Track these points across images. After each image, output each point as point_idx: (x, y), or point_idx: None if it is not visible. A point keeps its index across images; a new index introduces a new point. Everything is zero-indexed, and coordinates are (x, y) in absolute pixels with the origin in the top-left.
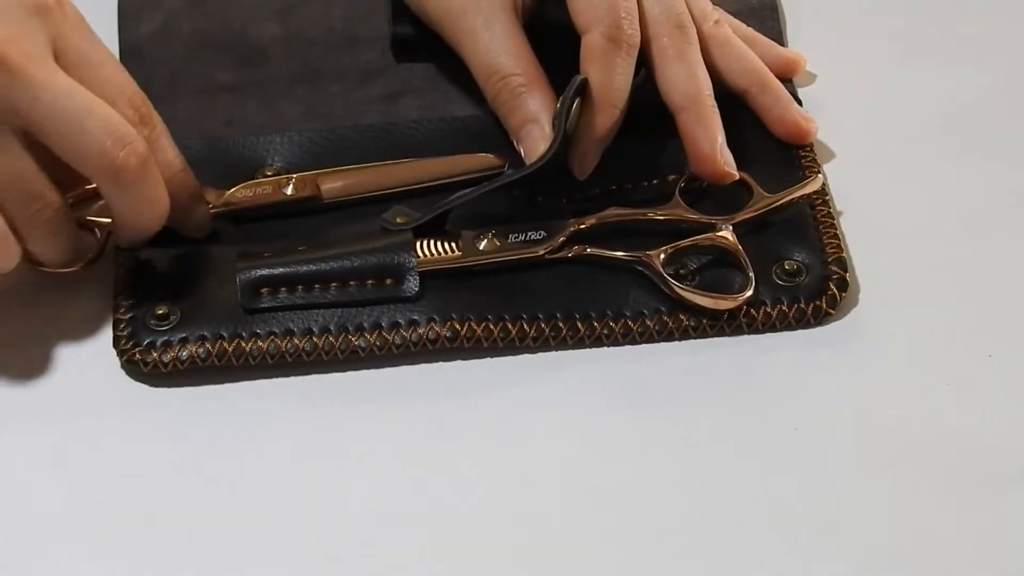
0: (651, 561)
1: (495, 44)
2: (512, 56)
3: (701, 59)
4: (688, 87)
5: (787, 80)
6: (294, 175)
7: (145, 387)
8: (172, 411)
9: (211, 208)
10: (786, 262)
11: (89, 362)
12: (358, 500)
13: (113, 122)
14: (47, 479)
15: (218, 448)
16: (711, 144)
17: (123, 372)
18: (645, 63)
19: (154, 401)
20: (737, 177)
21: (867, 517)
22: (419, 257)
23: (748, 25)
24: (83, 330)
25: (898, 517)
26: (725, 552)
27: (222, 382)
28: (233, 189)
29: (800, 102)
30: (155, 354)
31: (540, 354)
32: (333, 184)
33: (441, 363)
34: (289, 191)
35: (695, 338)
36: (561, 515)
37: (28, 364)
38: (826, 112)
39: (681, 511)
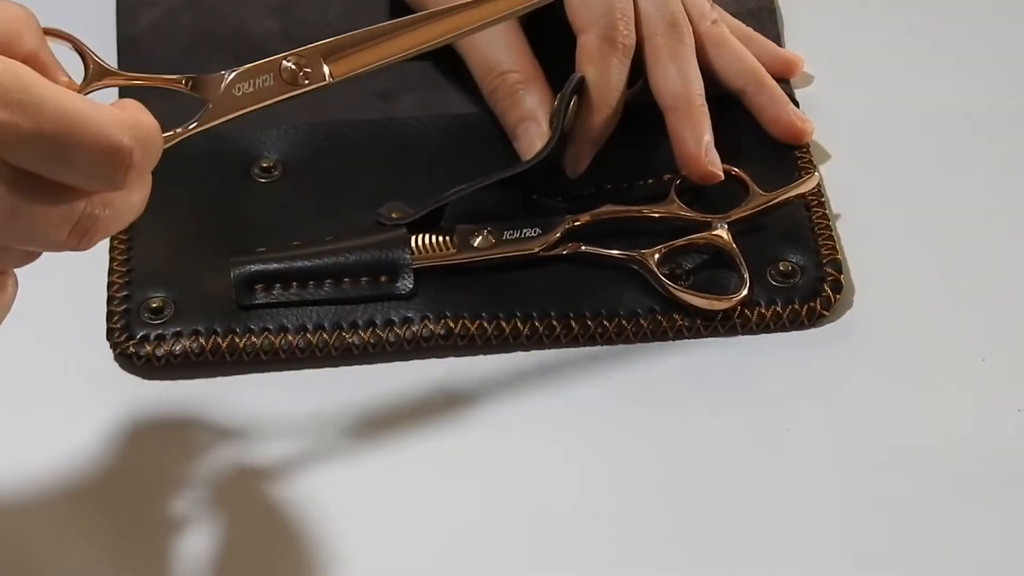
0: (641, 560)
1: (493, 41)
2: (510, 53)
3: (694, 59)
4: (677, 86)
5: (784, 81)
6: (289, 54)
7: (138, 379)
8: (165, 404)
9: (201, 125)
10: (781, 263)
11: (82, 354)
12: (349, 495)
13: None
14: (38, 470)
15: (210, 441)
16: (697, 143)
17: (116, 364)
18: (639, 62)
19: (147, 393)
20: (722, 177)
21: (858, 518)
22: (413, 253)
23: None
24: (77, 322)
25: (890, 519)
26: (715, 552)
27: (215, 375)
28: (231, 79)
29: (797, 103)
30: (148, 347)
31: (534, 352)
32: (340, 64)
33: (434, 360)
34: (288, 74)
35: (689, 338)
36: (552, 513)
37: (21, 355)
38: (823, 114)
39: (672, 510)
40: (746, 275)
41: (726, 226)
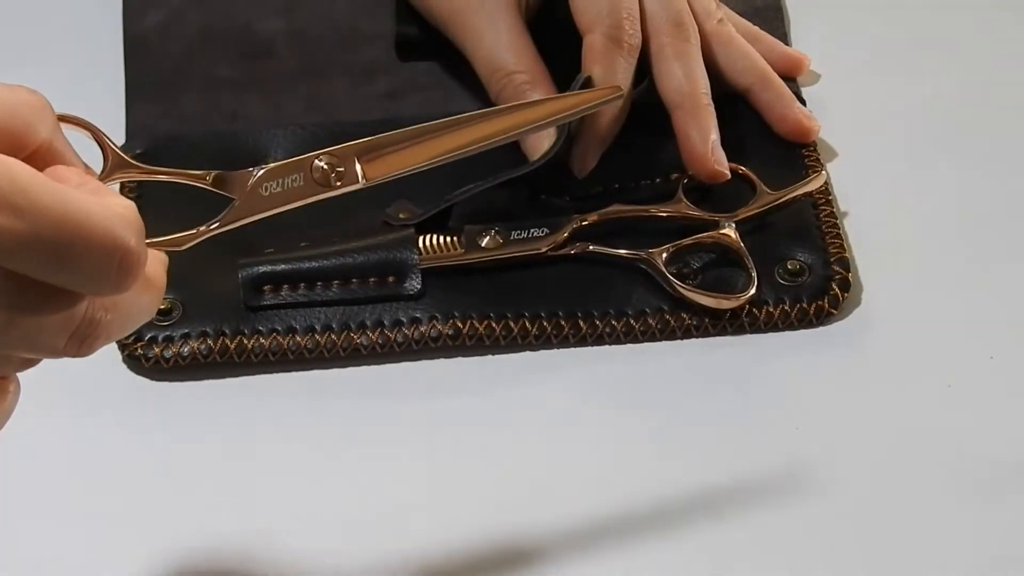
0: (650, 559)
1: (499, 41)
2: (516, 53)
3: (700, 58)
4: (683, 85)
5: (791, 79)
6: (322, 153)
7: (147, 381)
8: (173, 405)
9: (223, 225)
10: (789, 262)
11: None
12: (358, 496)
13: None
14: (47, 471)
15: (219, 443)
16: (703, 142)
17: (125, 366)
18: (645, 61)
19: (155, 395)
20: (729, 176)
21: (867, 517)
22: (421, 253)
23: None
24: None
25: (898, 517)
26: (724, 550)
27: (223, 377)
28: (259, 176)
29: (804, 101)
30: (157, 349)
31: (542, 352)
32: (374, 165)
33: (443, 360)
34: (319, 174)
35: (697, 337)
36: (561, 513)
37: None
38: (830, 112)
39: (681, 510)
40: (754, 274)
41: (733, 225)
